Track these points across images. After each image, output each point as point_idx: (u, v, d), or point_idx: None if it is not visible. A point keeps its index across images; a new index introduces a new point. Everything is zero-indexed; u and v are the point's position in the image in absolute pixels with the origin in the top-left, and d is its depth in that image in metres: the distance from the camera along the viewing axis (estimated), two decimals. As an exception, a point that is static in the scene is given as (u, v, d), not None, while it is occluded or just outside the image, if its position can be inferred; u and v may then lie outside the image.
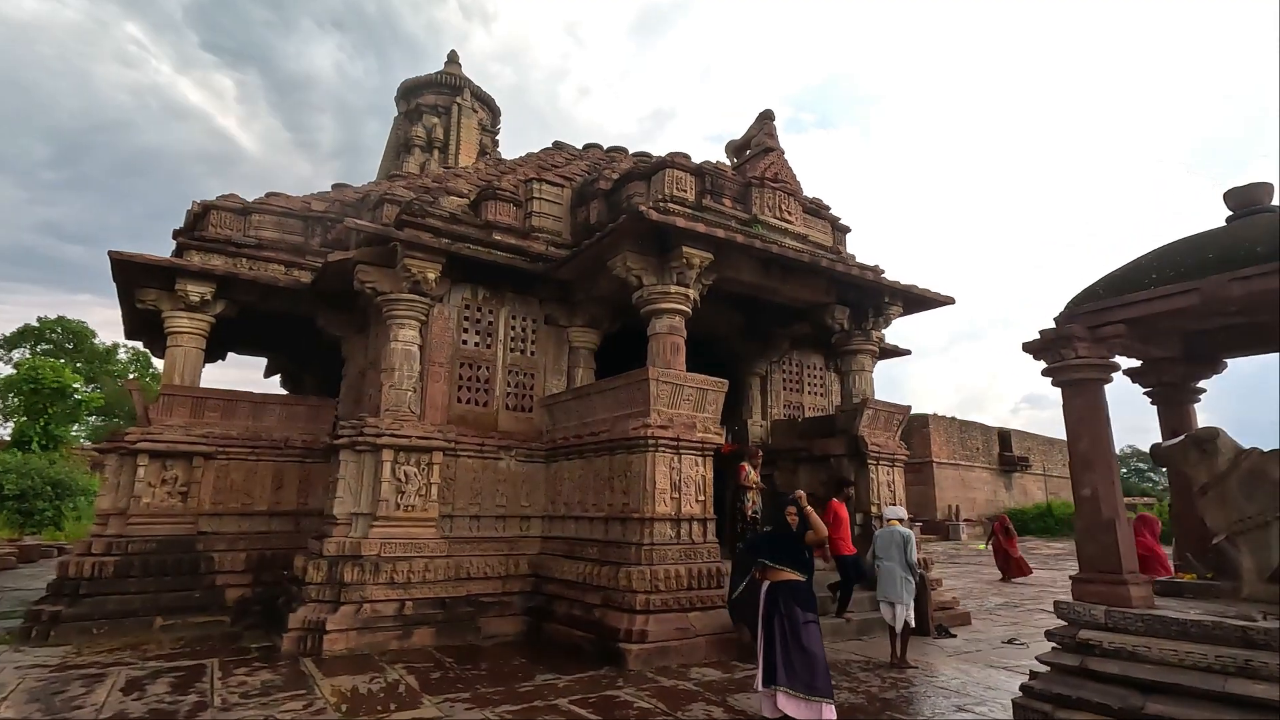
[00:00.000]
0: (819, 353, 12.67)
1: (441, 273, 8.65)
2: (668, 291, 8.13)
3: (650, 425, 7.41)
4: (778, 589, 4.70)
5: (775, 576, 4.75)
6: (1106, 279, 5.13)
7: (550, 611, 7.92)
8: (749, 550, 5.11)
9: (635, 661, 6.38)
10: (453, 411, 8.87)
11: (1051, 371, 5.14)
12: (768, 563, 4.81)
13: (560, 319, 9.81)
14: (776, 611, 4.62)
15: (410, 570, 7.69)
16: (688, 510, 7.52)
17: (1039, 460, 36.92)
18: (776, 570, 4.75)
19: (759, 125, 9.99)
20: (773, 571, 4.80)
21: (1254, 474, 4.85)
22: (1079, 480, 4.94)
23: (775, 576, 4.75)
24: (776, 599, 4.66)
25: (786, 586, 4.70)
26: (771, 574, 4.78)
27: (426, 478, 8.17)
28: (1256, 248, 4.32)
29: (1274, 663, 3.81)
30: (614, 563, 7.34)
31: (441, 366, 8.89)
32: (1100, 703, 4.32)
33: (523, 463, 9.09)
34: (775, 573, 4.76)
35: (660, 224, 7.53)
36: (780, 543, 4.82)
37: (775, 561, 4.77)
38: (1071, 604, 4.78)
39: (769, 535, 5.04)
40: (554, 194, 10.27)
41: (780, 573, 4.74)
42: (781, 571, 4.74)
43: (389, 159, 19.55)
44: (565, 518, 8.61)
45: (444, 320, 9.04)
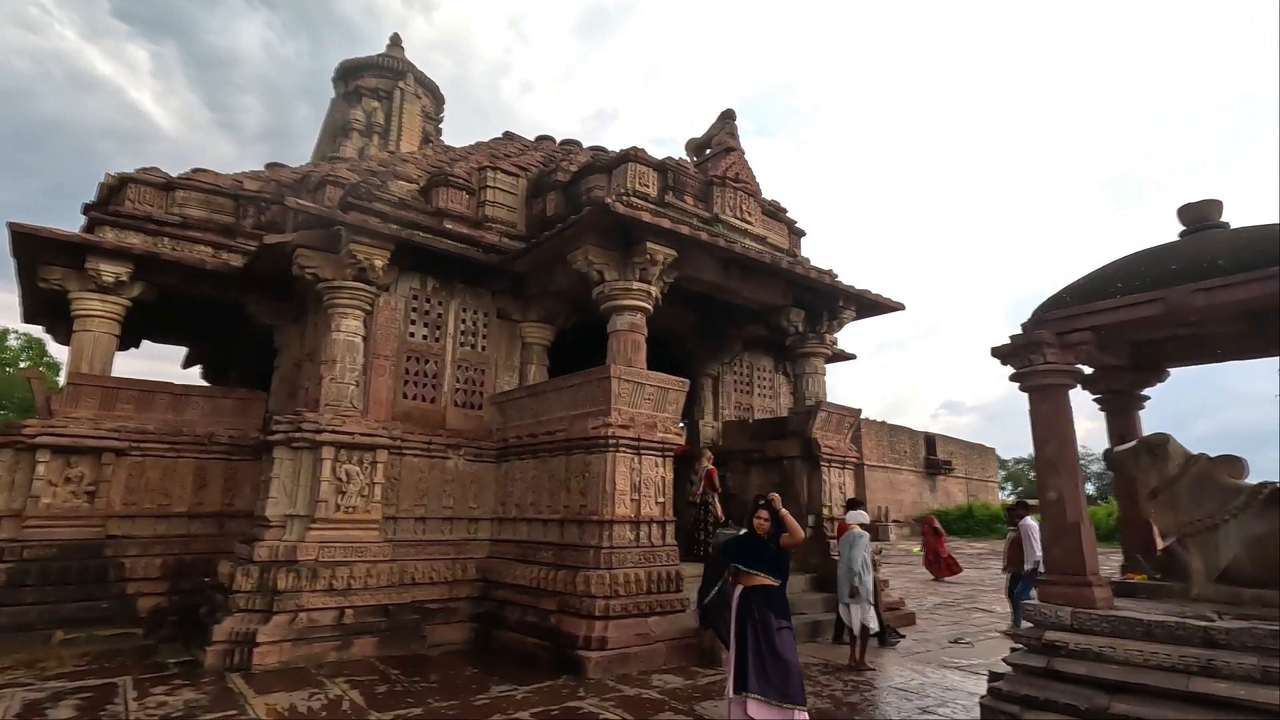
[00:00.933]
0: (769, 355, 12.75)
1: (389, 261, 8.18)
2: (630, 288, 7.93)
3: (611, 424, 7.19)
4: (751, 594, 4.57)
5: (749, 581, 4.62)
6: (1072, 287, 5.25)
7: (501, 618, 7.58)
8: (723, 554, 4.96)
9: (595, 669, 6.15)
10: (398, 407, 8.40)
11: (1020, 377, 5.21)
12: (741, 567, 4.67)
13: (513, 313, 9.46)
14: (750, 617, 4.48)
15: (351, 576, 7.20)
16: (647, 512, 7.34)
17: (961, 464, 38.64)
18: (750, 575, 4.62)
19: (721, 124, 9.92)
20: (746, 576, 4.66)
21: (1202, 479, 5.04)
22: (1045, 484, 5.03)
23: (749, 581, 4.62)
24: (750, 604, 4.53)
25: (760, 591, 4.58)
26: (744, 579, 4.64)
27: (370, 477, 7.69)
28: (1218, 260, 4.48)
29: (1235, 662, 3.94)
30: (571, 566, 7.07)
31: (387, 360, 8.40)
32: (1067, 703, 4.38)
33: (471, 462, 8.70)
34: (749, 577, 4.63)
35: (626, 218, 7.32)
36: (754, 547, 4.69)
37: (749, 566, 4.63)
38: (1037, 606, 4.85)
39: (742, 539, 4.90)
40: (509, 184, 9.90)
41: (754, 577, 4.61)
42: (755, 576, 4.61)
43: (325, 142, 18.58)
44: (517, 520, 8.28)
45: (391, 311, 8.55)
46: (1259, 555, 4.69)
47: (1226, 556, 4.81)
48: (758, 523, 4.70)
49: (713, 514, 9.48)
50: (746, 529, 4.89)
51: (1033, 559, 8.77)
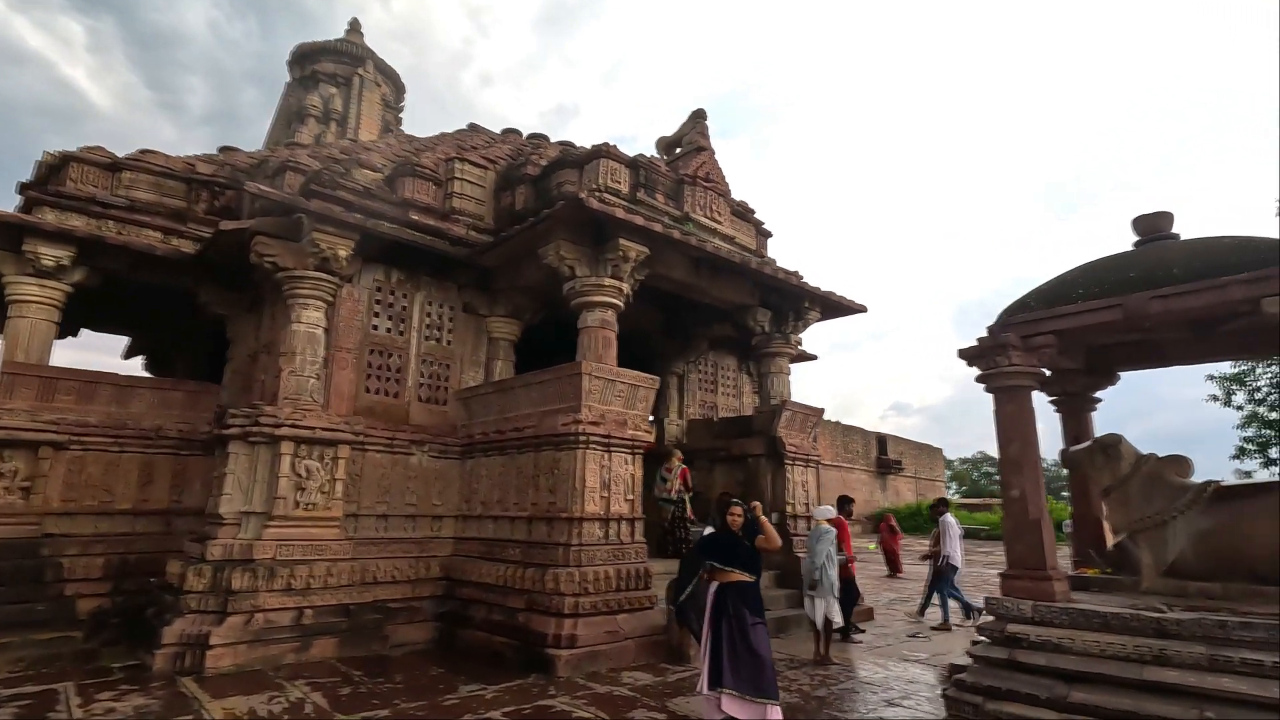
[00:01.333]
0: (733, 354, 12.87)
1: (353, 251, 7.95)
2: (601, 284, 7.89)
3: (581, 421, 7.14)
4: (726, 590, 4.61)
5: (724, 578, 4.65)
6: (1036, 292, 5.44)
7: (466, 617, 7.46)
8: (700, 551, 4.97)
9: (565, 668, 6.10)
10: (360, 402, 8.17)
11: (986, 378, 5.38)
12: (717, 564, 4.70)
13: (480, 308, 9.31)
14: (725, 614, 4.52)
15: (310, 575, 6.97)
16: (616, 509, 7.31)
17: (910, 464, 39.73)
18: (725, 572, 4.66)
19: (692, 123, 9.96)
20: (721, 573, 4.69)
21: (1152, 477, 5.30)
22: (1008, 482, 5.21)
23: (724, 578, 4.65)
24: (725, 601, 4.57)
25: (735, 588, 4.62)
26: (720, 575, 4.67)
27: (331, 473, 7.46)
28: (1173, 270, 4.71)
29: (1185, 651, 4.15)
30: (539, 564, 7.00)
31: (349, 353, 8.17)
32: (1029, 693, 4.55)
33: (436, 458, 8.53)
34: (724, 574, 4.66)
35: (600, 213, 7.28)
36: (729, 544, 4.73)
37: (725, 563, 4.67)
38: (1000, 600, 5.02)
39: (716, 536, 4.93)
40: (477, 175, 9.74)
41: (729, 574, 4.65)
42: (731, 573, 4.65)
43: (279, 127, 17.95)
44: (483, 517, 8.15)
45: (354, 303, 8.31)
46: (1204, 550, 4.95)
47: (1174, 551, 5.06)
48: (732, 519, 4.74)
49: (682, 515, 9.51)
50: (717, 525, 4.92)
51: (944, 554, 9.15)
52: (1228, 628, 4.07)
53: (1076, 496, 6.43)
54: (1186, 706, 4.01)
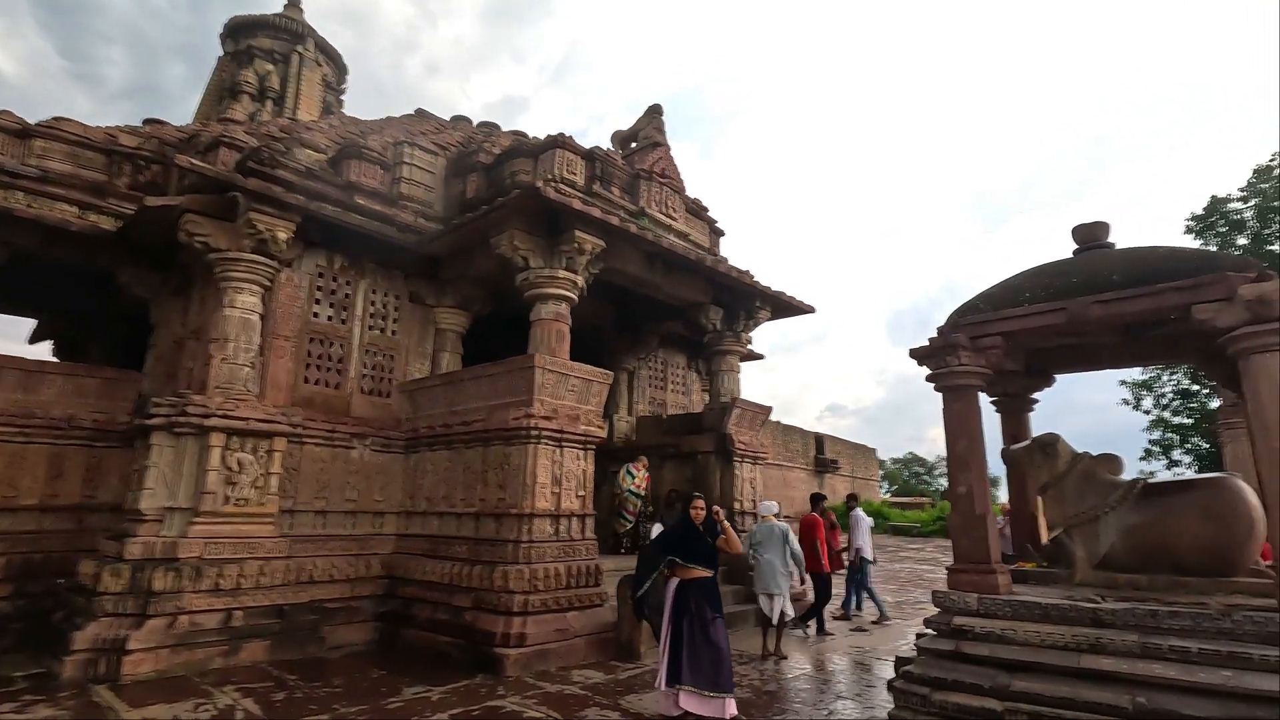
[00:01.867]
0: (683, 352, 12.91)
1: (294, 234, 7.58)
2: (555, 276, 7.75)
3: (533, 415, 6.99)
4: (688, 587, 4.57)
5: (685, 574, 4.61)
6: (985, 294, 5.62)
7: (408, 616, 7.20)
8: (661, 547, 4.92)
9: (514, 667, 5.95)
10: (298, 393, 7.79)
11: (935, 377, 5.51)
12: (679, 560, 4.66)
13: (427, 297, 9.02)
14: (686, 610, 4.48)
15: (241, 574, 6.59)
16: (567, 506, 7.20)
17: (846, 463, 40.84)
18: (686, 568, 4.62)
19: (648, 119, 9.92)
20: (682, 569, 4.66)
21: (1086, 475, 5.54)
22: (955, 479, 5.35)
23: (685, 574, 4.61)
24: (687, 597, 4.53)
25: (696, 584, 4.59)
26: (681, 571, 4.63)
27: (265, 467, 7.07)
28: (1113, 276, 4.93)
29: (1120, 639, 4.34)
30: (487, 562, 6.82)
31: (288, 341, 7.77)
32: (973, 683, 4.68)
33: (378, 452, 8.21)
34: (685, 570, 4.63)
35: (556, 204, 7.14)
36: (690, 539, 4.70)
37: (687, 559, 4.63)
38: (947, 593, 5.14)
39: (677, 532, 4.89)
40: (427, 161, 9.43)
41: (691, 570, 4.61)
42: (692, 569, 4.62)
43: (209, 103, 17.00)
44: (427, 514, 7.89)
45: (293, 288, 7.91)
46: (1132, 544, 5.21)
47: (1105, 545, 5.30)
48: (695, 512, 4.71)
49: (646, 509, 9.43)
50: (666, 523, 4.89)
51: (855, 547, 9.48)
52: (1158, 617, 4.28)
53: (1014, 493, 6.67)
54: (1119, 692, 4.19)
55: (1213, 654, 4.03)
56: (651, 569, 4.79)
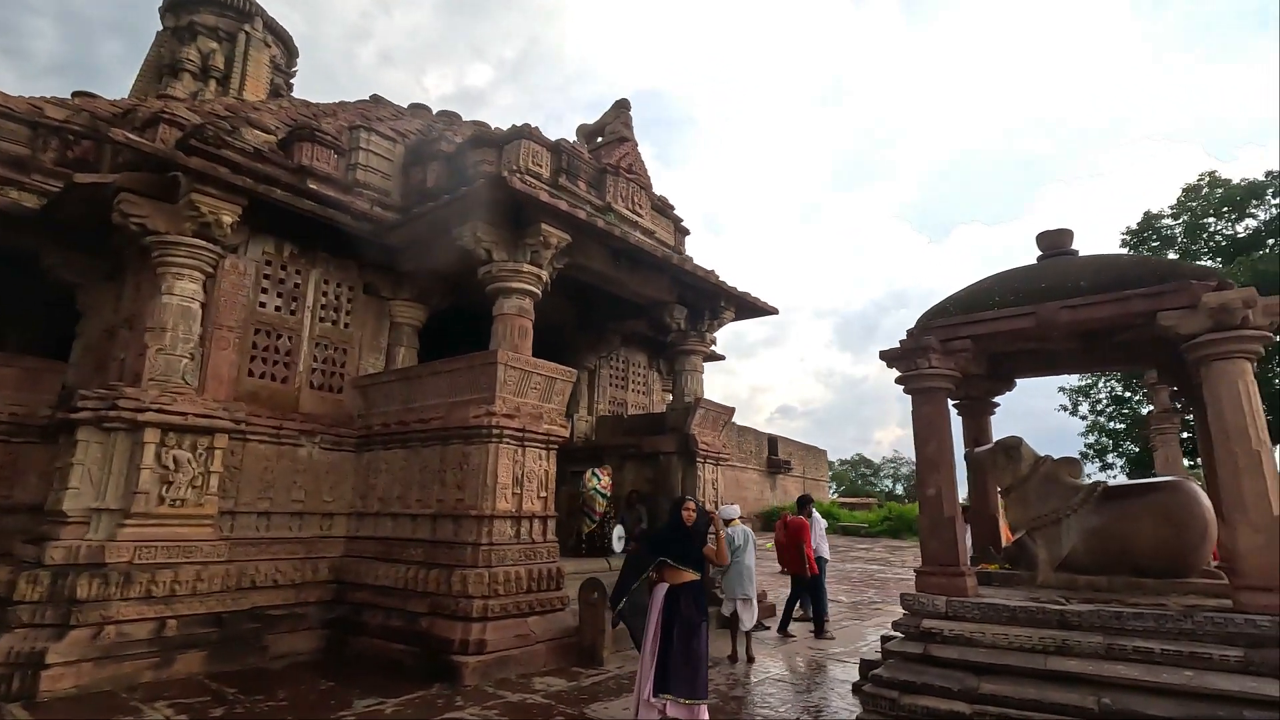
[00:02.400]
0: (644, 351, 12.78)
1: (240, 218, 7.14)
2: (519, 270, 7.51)
3: (495, 413, 6.74)
4: (680, 591, 4.42)
5: (677, 578, 4.46)
6: (955, 298, 5.64)
7: (359, 623, 6.85)
8: (653, 548, 4.69)
9: (473, 675, 5.70)
10: (242, 387, 7.35)
11: (905, 379, 5.51)
12: (671, 562, 4.50)
13: (383, 289, 8.65)
14: (677, 616, 4.33)
15: (176, 580, 6.15)
16: (529, 507, 6.97)
17: (798, 464, 41.45)
18: (679, 571, 4.47)
19: (615, 113, 9.75)
20: (674, 572, 4.50)
21: (1048, 478, 5.62)
22: (925, 480, 5.35)
23: (677, 578, 4.46)
24: (678, 602, 4.38)
25: (688, 589, 4.45)
26: (671, 574, 4.47)
27: (204, 465, 6.63)
28: (1081, 282, 5.00)
29: (1085, 640, 4.38)
30: (445, 565, 6.54)
31: (231, 331, 7.32)
32: (942, 686, 4.66)
33: (328, 451, 7.81)
34: (677, 573, 4.47)
35: (522, 195, 6.91)
36: (683, 541, 4.54)
37: (680, 562, 4.48)
38: (915, 595, 5.13)
39: (670, 534, 4.69)
40: (384, 148, 9.05)
41: (682, 573, 4.47)
42: (684, 572, 4.47)
43: (148, 80, 16.08)
44: (380, 515, 7.54)
45: (238, 276, 7.46)
46: (1093, 546, 5.30)
47: (1067, 547, 5.38)
48: (686, 514, 4.57)
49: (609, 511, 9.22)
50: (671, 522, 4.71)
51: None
52: (1122, 618, 4.34)
53: (975, 495, 6.75)
54: (1085, 694, 4.23)
55: (1175, 654, 4.10)
56: (639, 571, 4.61)
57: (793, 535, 8.69)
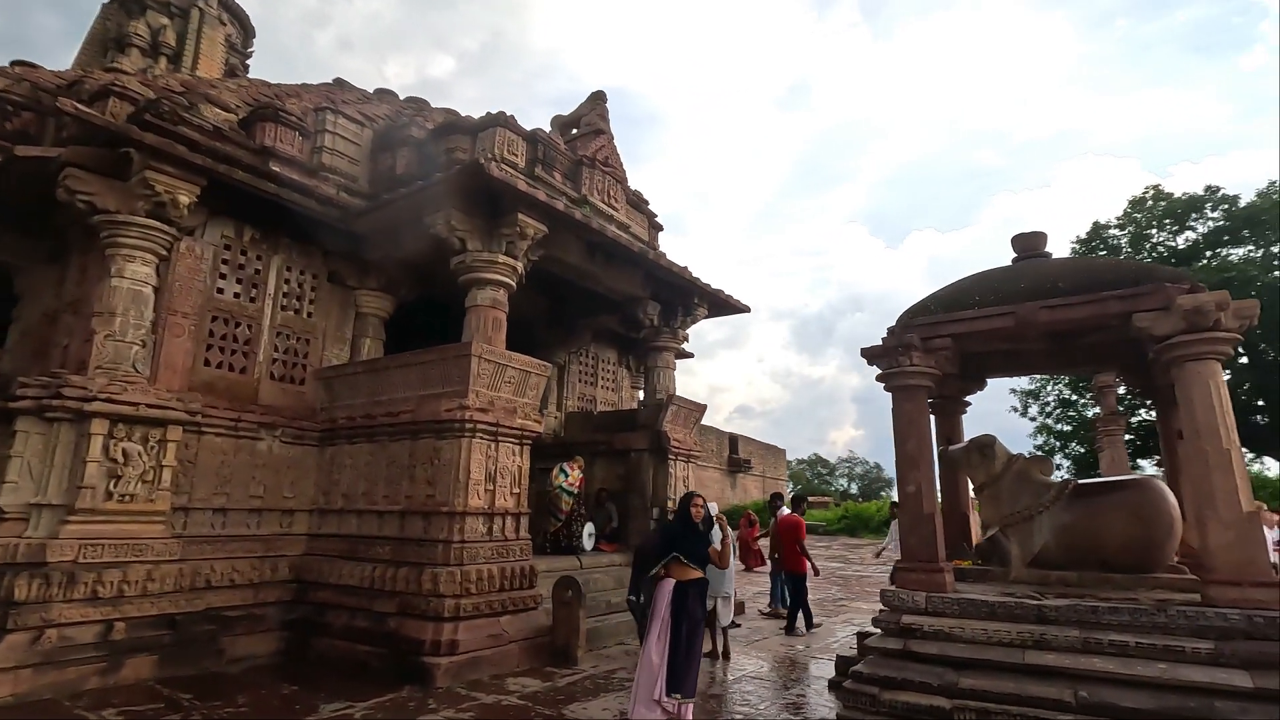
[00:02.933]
0: (613, 347, 12.67)
1: (198, 199, 6.78)
2: (494, 260, 7.32)
3: (469, 407, 6.55)
4: (688, 588, 4.34)
5: (685, 575, 4.38)
6: (935, 297, 5.70)
7: (321, 624, 6.58)
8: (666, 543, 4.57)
9: (445, 677, 5.52)
10: (198, 376, 6.98)
11: (887, 377, 5.54)
12: (684, 559, 4.41)
13: (348, 278, 8.34)
14: (685, 614, 4.25)
15: (125, 580, 5.79)
16: (501, 504, 6.79)
17: (758, 463, 41.89)
18: (687, 568, 4.39)
19: (591, 105, 9.61)
20: (684, 569, 4.41)
21: (1021, 476, 5.73)
22: (905, 478, 5.38)
23: (685, 575, 4.38)
24: (686, 599, 4.30)
25: (696, 586, 4.38)
26: (681, 571, 4.39)
27: (156, 459, 6.27)
28: (1059, 283, 5.09)
29: (1062, 635, 4.46)
30: (414, 563, 6.32)
31: (186, 318, 6.95)
32: (922, 681, 4.70)
33: (289, 445, 7.49)
34: (685, 570, 4.39)
35: (500, 183, 6.73)
36: (693, 538, 4.47)
37: (690, 559, 4.41)
38: (895, 591, 5.16)
39: (680, 530, 4.58)
40: (352, 132, 8.72)
41: (690, 571, 4.39)
42: (691, 570, 4.40)
43: (90, 54, 15.23)
44: (345, 512, 7.26)
45: (194, 260, 7.09)
46: (1064, 542, 5.41)
47: (1039, 543, 5.49)
48: (695, 510, 4.50)
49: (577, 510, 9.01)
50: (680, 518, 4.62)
51: None
52: (1098, 612, 4.43)
53: (947, 492, 6.85)
54: (1062, 687, 4.30)
55: (1149, 647, 4.19)
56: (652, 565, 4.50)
57: (788, 533, 8.74)
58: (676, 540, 4.49)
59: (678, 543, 4.46)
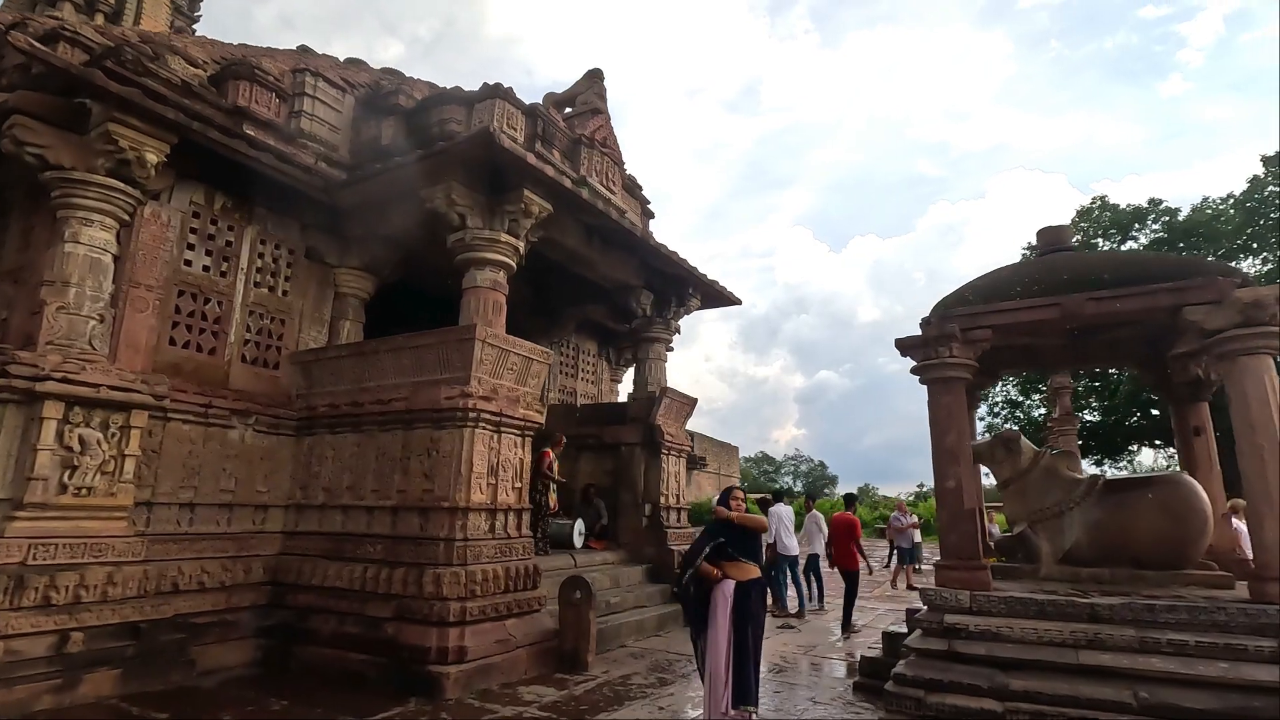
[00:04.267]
0: (594, 339, 12.30)
1: (167, 159, 6.08)
2: (496, 239, 6.84)
3: (471, 395, 6.08)
4: (750, 588, 4.01)
5: (743, 574, 4.05)
6: (973, 286, 5.55)
7: (304, 630, 6.00)
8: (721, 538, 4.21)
9: (454, 688, 5.06)
10: (163, 356, 6.28)
11: (924, 369, 5.36)
12: (739, 556, 4.08)
13: (328, 255, 7.70)
14: (749, 617, 3.92)
15: (82, 585, 5.10)
16: (503, 499, 6.35)
17: (712, 460, 42.01)
18: (745, 565, 4.06)
19: (588, 83, 9.19)
20: (740, 567, 4.08)
21: (1049, 471, 5.64)
22: (944, 473, 5.21)
23: (743, 574, 4.05)
24: (749, 600, 3.97)
25: (757, 585, 4.05)
26: (736, 570, 4.05)
27: (118, 448, 5.57)
28: (1104, 275, 4.99)
29: (1118, 634, 4.34)
30: (412, 563, 5.81)
31: (151, 292, 6.24)
32: (971, 684, 4.51)
33: (263, 434, 6.84)
34: (743, 568, 4.06)
35: (511, 156, 6.28)
36: (745, 532, 4.14)
37: (746, 555, 4.08)
38: (938, 590, 4.98)
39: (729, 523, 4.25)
40: (333, 97, 8.08)
41: (748, 568, 4.06)
42: (750, 566, 4.07)
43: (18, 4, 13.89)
44: (327, 507, 6.67)
45: (160, 227, 6.38)
46: (1095, 539, 5.34)
47: (1070, 540, 5.40)
48: (735, 504, 4.17)
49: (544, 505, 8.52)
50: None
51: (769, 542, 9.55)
52: (1155, 610, 4.33)
53: (962, 489, 6.75)
54: (1120, 688, 4.18)
55: (1209, 646, 4.11)
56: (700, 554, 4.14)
57: (844, 531, 8.56)
58: (734, 537, 4.16)
59: (736, 540, 4.14)
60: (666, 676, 5.81)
